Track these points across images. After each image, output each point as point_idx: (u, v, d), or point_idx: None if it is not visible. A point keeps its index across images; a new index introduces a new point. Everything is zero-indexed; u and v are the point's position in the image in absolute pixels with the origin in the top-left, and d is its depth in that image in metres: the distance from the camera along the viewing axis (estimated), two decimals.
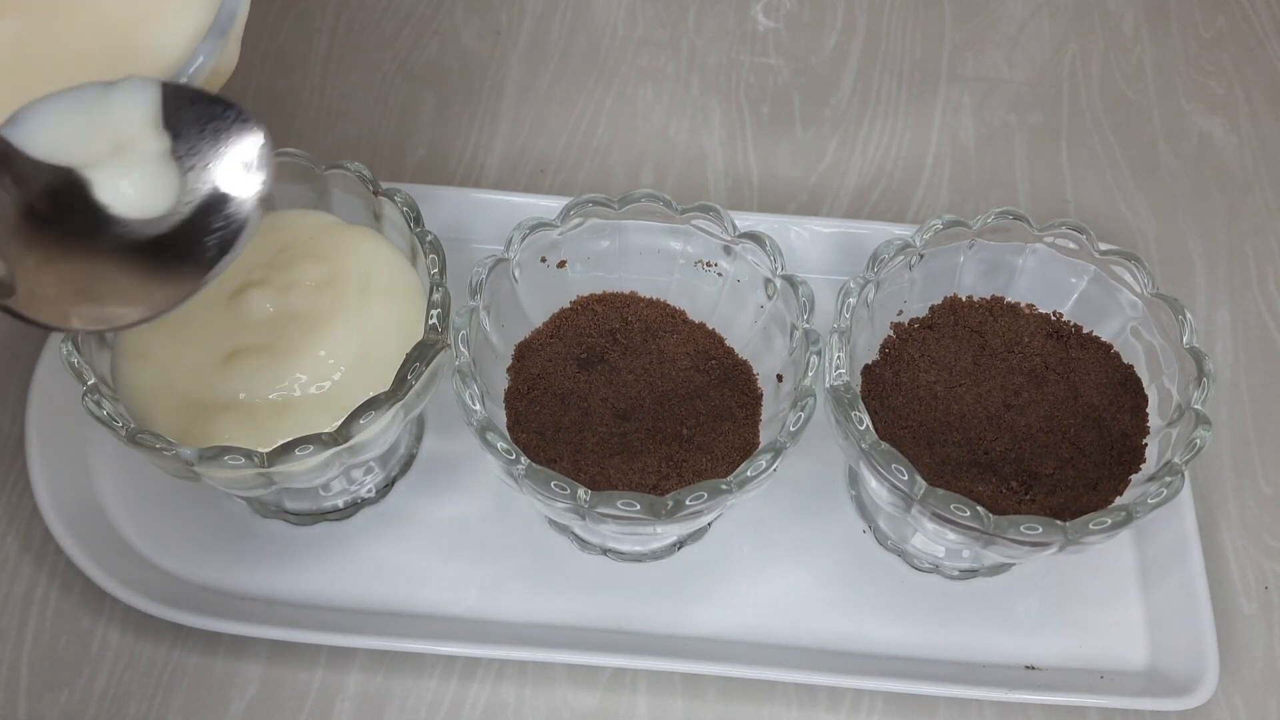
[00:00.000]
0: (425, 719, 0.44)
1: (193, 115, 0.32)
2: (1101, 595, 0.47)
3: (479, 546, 0.48)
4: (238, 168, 0.33)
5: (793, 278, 0.44)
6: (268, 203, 0.33)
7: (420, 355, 0.41)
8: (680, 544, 0.48)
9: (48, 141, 0.31)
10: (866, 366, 0.46)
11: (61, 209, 0.31)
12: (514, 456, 0.39)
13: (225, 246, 0.32)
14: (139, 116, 0.32)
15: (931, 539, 0.44)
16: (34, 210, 0.31)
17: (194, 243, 0.32)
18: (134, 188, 0.32)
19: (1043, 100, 0.66)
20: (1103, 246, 0.46)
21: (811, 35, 0.69)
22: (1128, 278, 0.46)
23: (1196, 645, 0.44)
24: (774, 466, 0.39)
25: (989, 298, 0.48)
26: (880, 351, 0.47)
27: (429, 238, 0.44)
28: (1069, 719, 0.45)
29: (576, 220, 0.47)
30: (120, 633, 0.46)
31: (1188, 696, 0.43)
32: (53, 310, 0.30)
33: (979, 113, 0.66)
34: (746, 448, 0.44)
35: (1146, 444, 0.44)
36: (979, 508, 0.38)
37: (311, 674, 0.45)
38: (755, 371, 0.47)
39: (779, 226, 0.54)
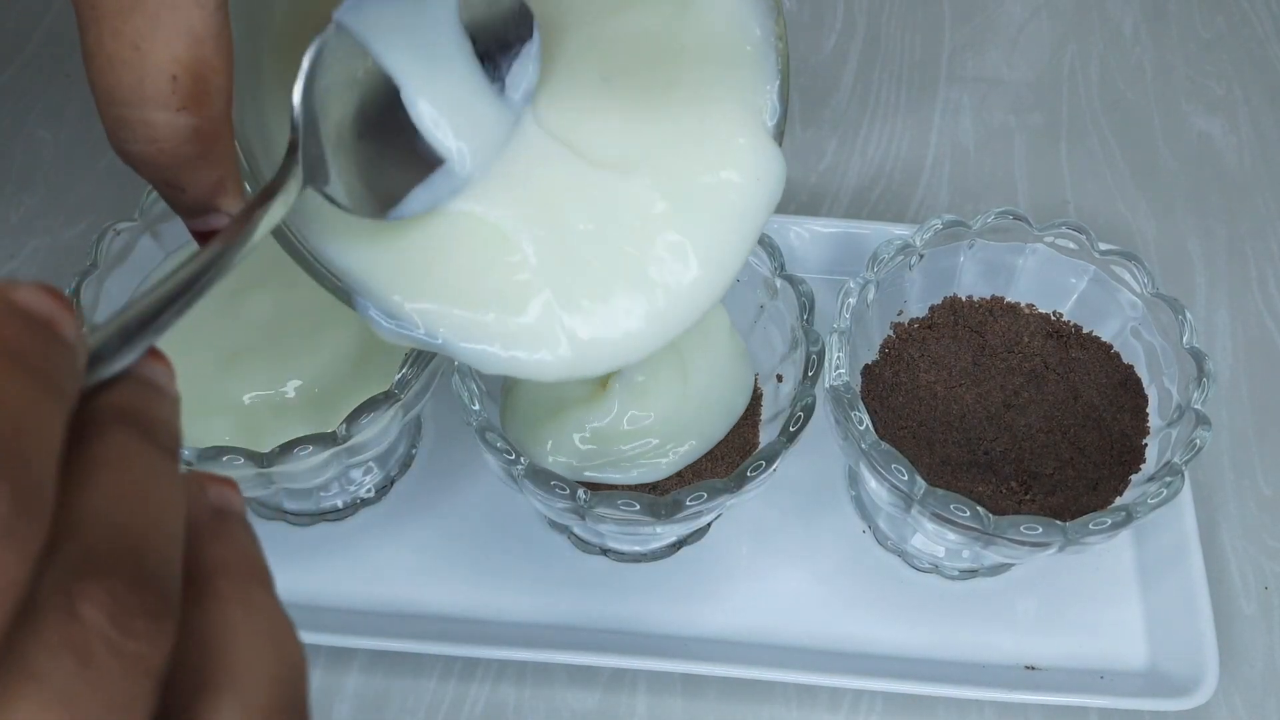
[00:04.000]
0: (425, 719, 0.44)
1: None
2: (1101, 595, 0.47)
3: (479, 546, 0.48)
4: (509, 39, 0.33)
5: (793, 278, 0.44)
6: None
7: (420, 355, 0.41)
8: (680, 544, 0.48)
9: (372, 29, 0.30)
10: (866, 366, 0.46)
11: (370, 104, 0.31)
12: (513, 456, 0.39)
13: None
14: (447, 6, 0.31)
15: (931, 539, 0.44)
16: (342, 97, 0.30)
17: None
18: (439, 118, 0.32)
19: (1042, 101, 0.66)
20: (1103, 246, 0.46)
21: (811, 35, 0.69)
22: (1127, 278, 0.46)
23: (1196, 645, 0.44)
24: (773, 467, 0.39)
25: (989, 298, 0.48)
26: (880, 351, 0.47)
27: None
28: (1069, 719, 0.45)
29: None
30: None
31: (1188, 697, 0.43)
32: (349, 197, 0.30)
33: (978, 113, 0.66)
34: (746, 448, 0.44)
35: (1146, 444, 0.44)
36: (979, 508, 0.38)
37: (311, 674, 0.45)
38: (755, 371, 0.47)
39: (779, 226, 0.54)
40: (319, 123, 0.29)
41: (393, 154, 0.31)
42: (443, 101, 0.31)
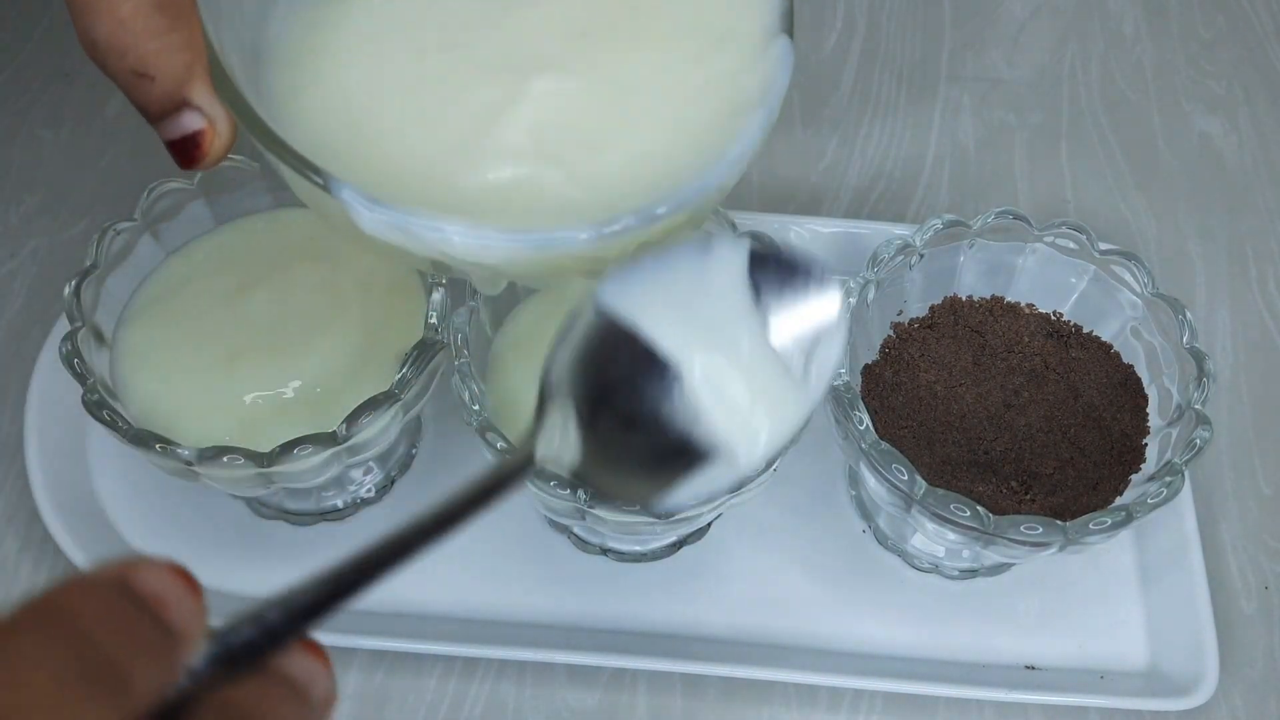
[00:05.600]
0: (425, 719, 0.44)
1: (773, 272, 0.29)
2: (1101, 595, 0.47)
3: (479, 546, 0.48)
4: (814, 330, 0.29)
5: None
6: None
7: (420, 355, 0.41)
8: (680, 544, 0.48)
9: (644, 307, 0.28)
10: (866, 366, 0.46)
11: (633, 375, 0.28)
12: None
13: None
14: (734, 277, 0.28)
15: (931, 539, 0.44)
16: (603, 377, 0.28)
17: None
18: (734, 408, 0.28)
19: (1043, 100, 0.66)
20: (1103, 246, 0.46)
21: (811, 35, 0.69)
22: (1128, 277, 0.46)
23: (1196, 645, 0.44)
24: (773, 467, 0.39)
25: (989, 298, 0.48)
26: (880, 351, 0.47)
27: None
28: (1069, 719, 0.45)
29: None
30: None
31: (1188, 696, 0.43)
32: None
33: (979, 113, 0.66)
34: None
35: (1146, 444, 0.44)
36: (979, 508, 0.38)
37: None
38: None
39: (779, 226, 0.54)
40: (561, 396, 0.27)
41: (660, 440, 0.28)
42: (735, 391, 0.28)
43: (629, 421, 0.28)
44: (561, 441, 0.27)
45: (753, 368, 0.28)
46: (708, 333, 0.28)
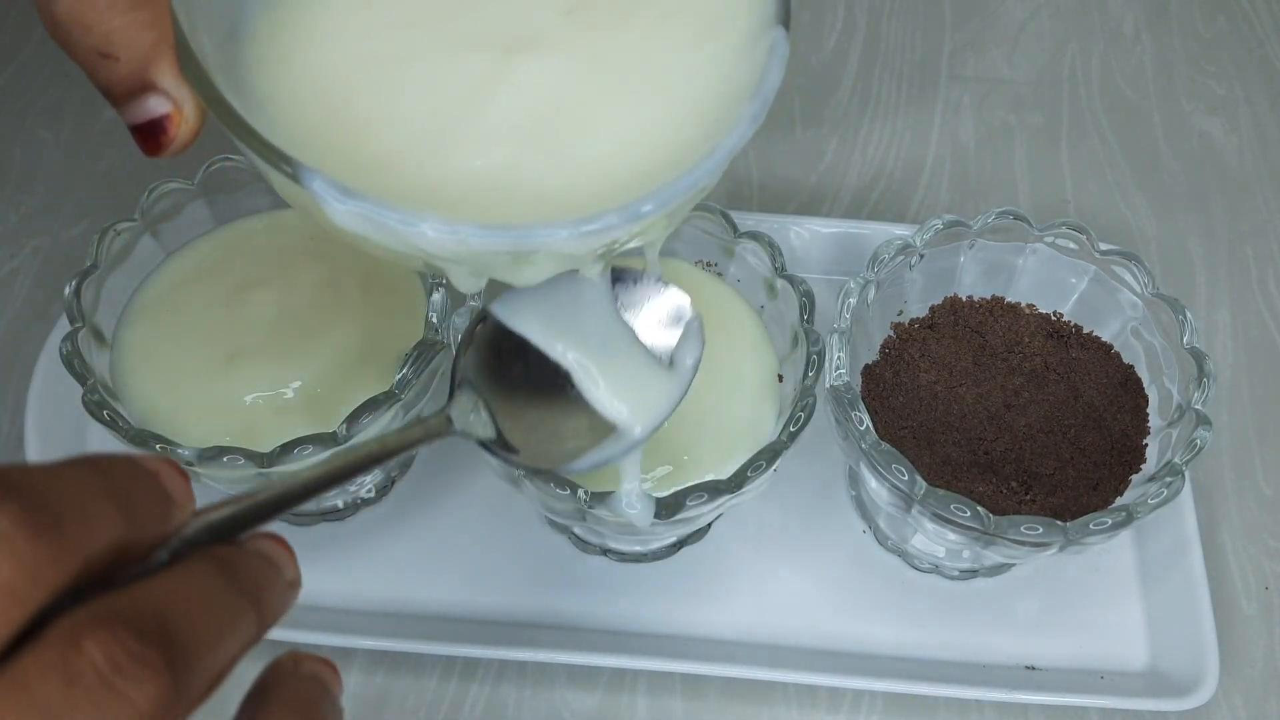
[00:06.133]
0: (425, 719, 0.44)
1: (633, 287, 0.36)
2: (1101, 595, 0.47)
3: (479, 547, 0.48)
4: (667, 320, 0.36)
5: (793, 278, 0.44)
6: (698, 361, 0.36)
7: (420, 355, 0.41)
8: (680, 544, 0.48)
9: (530, 321, 0.35)
10: (866, 366, 0.46)
11: (531, 375, 0.35)
12: None
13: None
14: (599, 293, 0.35)
15: (932, 539, 0.44)
16: (508, 373, 0.35)
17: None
18: (614, 396, 0.35)
19: (1043, 100, 0.66)
20: (1103, 246, 0.46)
21: (811, 35, 0.69)
22: (1128, 278, 0.46)
23: (1196, 645, 0.44)
24: (773, 467, 0.39)
25: (989, 298, 0.48)
26: (880, 351, 0.47)
27: None
28: (1069, 719, 0.45)
29: None
30: None
31: (1188, 697, 0.43)
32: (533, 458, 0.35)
33: (979, 113, 0.66)
34: None
35: (1147, 444, 0.44)
36: (979, 508, 0.38)
37: None
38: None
39: (779, 226, 0.54)
40: (469, 385, 0.33)
41: (564, 420, 0.34)
42: (613, 384, 0.34)
43: (528, 405, 0.34)
44: (474, 418, 0.33)
45: (618, 360, 0.35)
46: (578, 336, 0.34)
